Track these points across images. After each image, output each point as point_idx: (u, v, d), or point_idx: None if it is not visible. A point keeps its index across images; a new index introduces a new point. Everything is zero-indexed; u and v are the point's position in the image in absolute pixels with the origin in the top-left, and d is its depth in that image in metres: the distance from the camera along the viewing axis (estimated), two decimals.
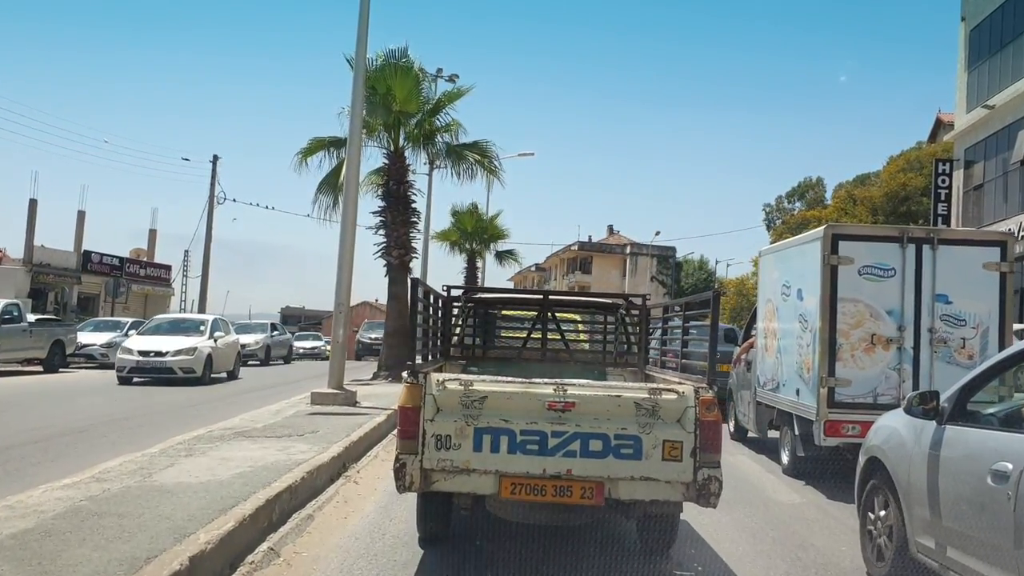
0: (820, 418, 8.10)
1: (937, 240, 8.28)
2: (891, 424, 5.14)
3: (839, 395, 8.10)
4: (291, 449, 7.37)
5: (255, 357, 26.81)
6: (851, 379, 8.09)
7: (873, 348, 8.14)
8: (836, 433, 8.05)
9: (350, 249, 11.27)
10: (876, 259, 8.20)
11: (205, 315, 22.18)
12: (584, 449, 4.40)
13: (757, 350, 10.92)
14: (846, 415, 8.06)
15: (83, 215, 42.68)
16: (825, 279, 8.19)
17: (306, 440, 7.95)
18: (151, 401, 14.05)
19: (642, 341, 7.18)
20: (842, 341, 8.16)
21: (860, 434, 7.63)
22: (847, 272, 8.18)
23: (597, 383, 4.92)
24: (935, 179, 27.70)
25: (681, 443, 4.45)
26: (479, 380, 4.71)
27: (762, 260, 11.22)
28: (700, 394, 4.56)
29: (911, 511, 4.67)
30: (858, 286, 8.17)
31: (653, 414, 4.46)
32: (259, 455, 6.98)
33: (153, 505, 5.10)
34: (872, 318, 8.15)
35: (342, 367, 11.54)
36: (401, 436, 4.53)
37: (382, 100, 15.87)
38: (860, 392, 8.10)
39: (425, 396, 4.48)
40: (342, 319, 11.28)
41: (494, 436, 4.40)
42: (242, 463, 6.56)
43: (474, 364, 7.07)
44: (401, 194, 16.84)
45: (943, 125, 46.82)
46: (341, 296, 11.21)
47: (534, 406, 4.45)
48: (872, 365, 8.13)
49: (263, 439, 7.96)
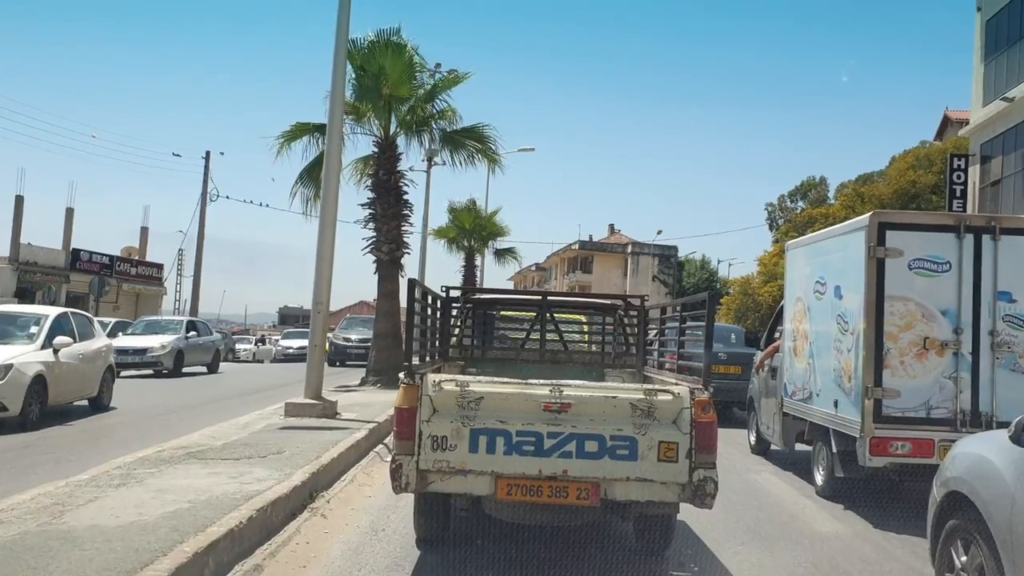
0: (865, 435, 7.08)
1: (999, 229, 7.24)
2: (979, 452, 4.22)
3: (887, 408, 7.09)
4: (247, 476, 6.18)
5: (159, 365, 20.45)
6: (900, 390, 7.10)
7: (925, 354, 7.15)
8: (884, 452, 7.05)
9: (330, 241, 10.08)
10: (929, 251, 7.21)
11: (44, 309, 12.78)
12: (580, 450, 4.44)
13: (783, 354, 9.87)
14: (895, 431, 7.05)
15: (72, 212, 41.97)
16: (870, 274, 7.19)
17: (268, 463, 6.76)
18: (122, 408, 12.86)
19: (640, 342, 7.17)
20: (890, 346, 7.16)
21: (910, 453, 7.07)
22: (896, 266, 7.18)
23: (593, 384, 4.93)
24: (950, 175, 26.97)
25: (676, 444, 4.47)
26: (475, 381, 4.71)
27: (790, 254, 10.06)
28: (696, 395, 4.57)
29: (1016, 564, 3.62)
30: (908, 282, 7.19)
31: (649, 415, 4.49)
32: (206, 484, 5.80)
33: (44, 563, 3.92)
34: (924, 319, 7.16)
35: (321, 374, 10.31)
36: (398, 437, 4.58)
37: (372, 82, 14.61)
38: (911, 404, 7.09)
39: (421, 397, 4.51)
40: (320, 320, 10.06)
41: (490, 437, 4.44)
42: (181, 496, 5.38)
43: (473, 365, 7.01)
44: (392, 184, 15.58)
45: (951, 122, 46.24)
46: (320, 294, 10.01)
47: (530, 407, 4.48)
48: (924, 373, 7.13)
49: (217, 462, 6.77)
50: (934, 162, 41.11)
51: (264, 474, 6.26)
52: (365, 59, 14.55)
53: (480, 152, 16.12)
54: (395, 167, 15.68)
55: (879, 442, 7.05)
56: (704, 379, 4.79)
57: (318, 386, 10.13)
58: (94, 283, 34.32)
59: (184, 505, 5.13)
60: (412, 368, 4.69)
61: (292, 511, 5.80)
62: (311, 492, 6.31)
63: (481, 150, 16.11)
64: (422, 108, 15.76)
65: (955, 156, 27.06)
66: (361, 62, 14.64)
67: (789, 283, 10.11)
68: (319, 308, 10.01)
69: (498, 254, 38.29)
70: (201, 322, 26.54)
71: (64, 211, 40.46)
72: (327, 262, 10.06)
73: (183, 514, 4.90)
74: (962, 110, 45.01)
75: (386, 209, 15.44)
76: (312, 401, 9.92)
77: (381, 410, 11.02)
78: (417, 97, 15.56)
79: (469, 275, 35.64)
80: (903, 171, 42.02)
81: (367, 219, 15.65)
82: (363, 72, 14.67)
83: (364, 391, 14.46)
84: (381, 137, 15.73)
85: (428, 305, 5.94)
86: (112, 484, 5.75)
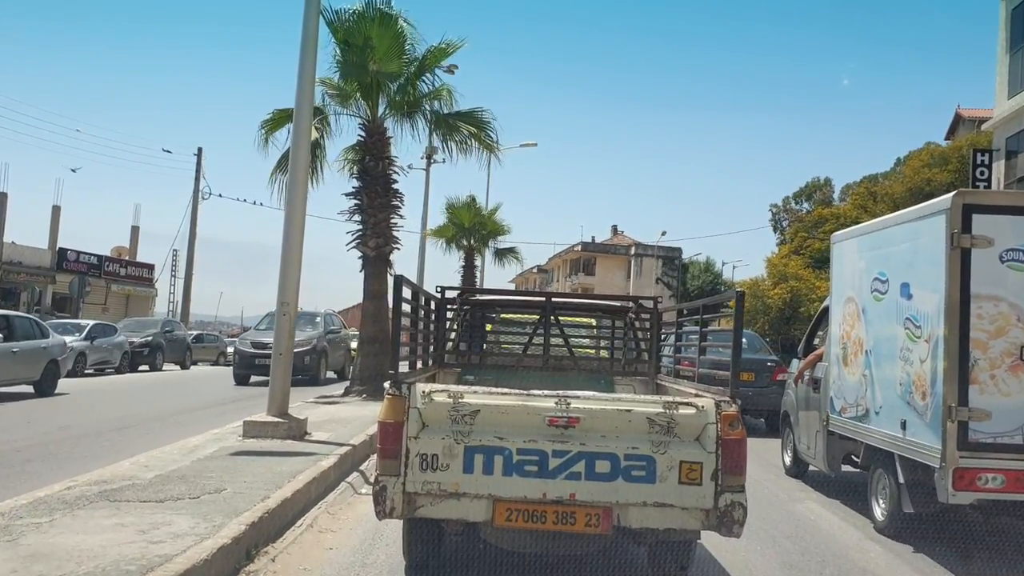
0: (948, 464, 5.85)
1: None
2: None
3: (974, 432, 5.86)
4: (162, 529, 4.67)
5: None
6: (991, 410, 5.87)
7: (1022, 366, 5.89)
8: (971, 486, 5.85)
9: (298, 232, 8.59)
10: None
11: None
12: (590, 471, 4.05)
13: (829, 363, 8.54)
14: (985, 460, 5.85)
15: (58, 210, 41.13)
16: (953, 268, 5.98)
17: (198, 508, 5.25)
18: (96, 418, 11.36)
19: (653, 348, 6.75)
20: (977, 355, 5.93)
21: (1004, 488, 5.88)
22: (984, 258, 5.96)
23: (604, 395, 4.47)
24: (973, 170, 26.63)
25: (700, 464, 4.08)
26: (470, 392, 4.25)
27: (838, 247, 8.63)
28: (722, 408, 4.17)
29: None
30: (1000, 278, 5.97)
31: (668, 431, 4.11)
32: (100, 544, 4.31)
33: None
34: (1020, 323, 5.92)
35: (286, 386, 8.70)
36: (381, 455, 4.17)
37: (358, 57, 13.00)
38: (1005, 428, 5.87)
39: (409, 410, 4.13)
40: (286, 323, 8.52)
41: (487, 455, 4.06)
42: (54, 568, 3.90)
43: (470, 372, 6.62)
44: (380, 172, 13.91)
45: (963, 120, 45.40)
46: (286, 293, 8.50)
47: (533, 421, 4.09)
48: (1021, 390, 5.88)
49: (134, 505, 5.26)
50: (949, 160, 40.34)
51: (187, 526, 4.76)
52: (349, 32, 12.98)
53: (476, 138, 14.42)
54: (384, 153, 14.04)
55: (965, 474, 5.84)
56: (731, 390, 4.28)
57: (283, 401, 8.58)
58: (74, 283, 33.15)
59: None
60: (398, 377, 4.25)
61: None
62: (248, 550, 4.81)
63: (476, 135, 14.39)
64: (413, 86, 14.15)
65: (978, 151, 26.47)
66: (345, 36, 13.11)
67: (837, 280, 8.67)
68: (285, 310, 8.47)
69: (498, 254, 36.58)
70: (107, 324, 24.74)
71: (50, 209, 39.63)
72: (295, 256, 8.56)
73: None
74: (974, 108, 44.39)
75: (373, 199, 13.83)
76: (275, 419, 8.39)
77: (360, 428, 9.53)
78: (408, 75, 13.94)
79: (468, 276, 34.05)
80: (917, 169, 41.22)
81: (352, 211, 14.05)
82: (347, 47, 13.12)
83: (347, 403, 12.92)
84: (368, 119, 14.14)
85: (420, 307, 5.50)
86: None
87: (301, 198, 8.66)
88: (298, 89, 8.57)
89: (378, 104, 14.09)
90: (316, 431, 9.03)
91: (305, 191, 8.78)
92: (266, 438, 8.17)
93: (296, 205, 8.59)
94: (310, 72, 8.61)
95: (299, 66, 8.57)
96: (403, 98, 14.16)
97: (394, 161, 14.26)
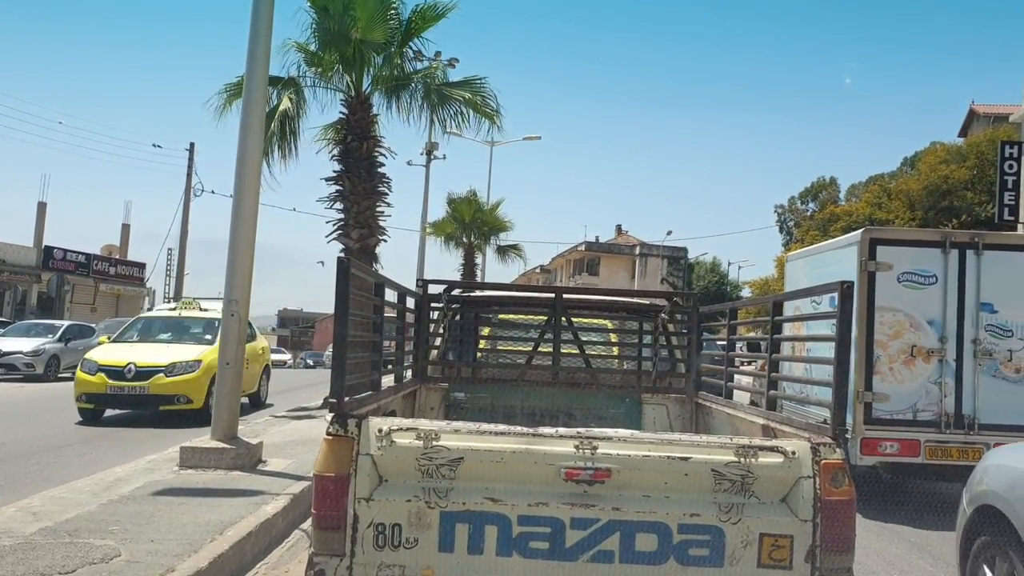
0: (856, 435, 7.51)
1: (982, 245, 7.78)
2: (1015, 465, 3.82)
3: (876, 411, 7.62)
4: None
5: None
6: (889, 394, 7.63)
7: (913, 360, 7.68)
8: (873, 451, 7.55)
9: (250, 216, 6.99)
10: (916, 265, 7.76)
11: None
12: (626, 550, 2.84)
13: None
14: (884, 432, 7.58)
15: (44, 207, 39.96)
16: (862, 286, 7.62)
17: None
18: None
19: (693, 357, 5.51)
20: (880, 353, 7.68)
21: (899, 452, 7.52)
22: (886, 279, 7.72)
23: (646, 436, 3.02)
24: (1000, 165, 25.83)
25: (791, 538, 2.88)
26: (449, 432, 2.93)
27: (790, 265, 10.78)
28: (821, 455, 2.93)
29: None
30: (897, 294, 7.72)
31: (743, 489, 2.89)
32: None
33: None
34: (912, 328, 7.70)
35: (235, 403, 7.10)
36: (318, 524, 2.86)
37: (337, 24, 11.41)
38: (899, 408, 7.63)
39: (358, 457, 2.87)
40: (235, 326, 6.92)
41: (475, 526, 2.84)
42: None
43: (460, 389, 5.56)
44: (364, 153, 12.20)
45: (977, 116, 44.34)
46: (235, 289, 6.91)
47: (543, 475, 2.85)
48: (912, 379, 7.67)
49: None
50: (967, 156, 39.25)
51: None
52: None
53: (472, 106, 12.59)
54: (369, 132, 12.32)
55: (869, 442, 7.52)
56: (834, 428, 3.06)
57: (230, 422, 6.94)
58: (52, 282, 31.74)
59: None
60: (342, 407, 2.99)
61: None
62: None
63: (471, 101, 12.56)
64: (400, 56, 12.52)
65: (1007, 143, 25.75)
66: (324, 1, 11.56)
67: None
68: (233, 309, 6.88)
69: (500, 251, 34.99)
70: (84, 325, 23.60)
71: (36, 206, 38.41)
72: (245, 242, 6.97)
73: None
74: (990, 104, 43.23)
75: (356, 185, 12.15)
76: (220, 445, 6.77)
77: None
78: (396, 44, 12.28)
79: (469, 274, 32.50)
80: (934, 166, 40.29)
81: (333, 197, 12.40)
82: (326, 13, 11.56)
83: (322, 417, 11.38)
84: (351, 95, 12.48)
85: (386, 304, 4.40)
86: None
87: (253, 176, 7.02)
88: (250, 37, 6.97)
89: (363, 77, 12.45)
90: (275, 456, 7.47)
91: (258, 168, 7.17)
92: (208, 468, 6.59)
93: (247, 185, 6.94)
94: (265, 24, 7.04)
95: (252, 12, 6.99)
96: (390, 72, 12.53)
97: (380, 142, 12.58)
